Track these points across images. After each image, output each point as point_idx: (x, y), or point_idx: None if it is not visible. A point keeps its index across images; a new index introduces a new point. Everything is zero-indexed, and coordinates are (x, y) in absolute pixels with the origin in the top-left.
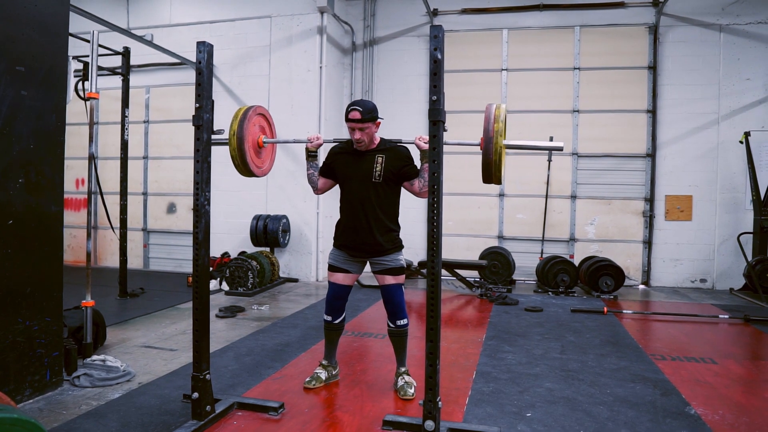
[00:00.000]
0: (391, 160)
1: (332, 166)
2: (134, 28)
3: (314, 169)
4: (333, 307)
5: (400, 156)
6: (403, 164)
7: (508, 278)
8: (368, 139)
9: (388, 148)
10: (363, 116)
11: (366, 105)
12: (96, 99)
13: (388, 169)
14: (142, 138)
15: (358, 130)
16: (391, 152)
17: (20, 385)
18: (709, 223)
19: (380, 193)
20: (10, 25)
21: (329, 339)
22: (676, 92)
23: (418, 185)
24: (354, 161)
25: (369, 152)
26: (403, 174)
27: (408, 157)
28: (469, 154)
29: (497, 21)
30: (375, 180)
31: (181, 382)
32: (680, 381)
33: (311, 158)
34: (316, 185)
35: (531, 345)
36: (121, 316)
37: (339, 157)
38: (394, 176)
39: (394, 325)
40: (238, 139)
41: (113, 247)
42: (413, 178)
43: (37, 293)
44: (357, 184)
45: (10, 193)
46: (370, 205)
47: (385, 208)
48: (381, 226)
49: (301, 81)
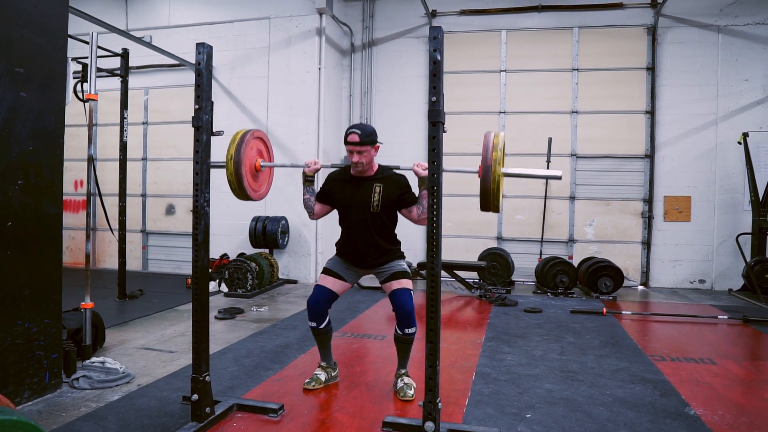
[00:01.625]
0: (389, 189)
1: (329, 193)
2: (133, 29)
3: (311, 194)
4: (315, 312)
5: (398, 185)
6: (401, 192)
7: (507, 279)
8: (366, 163)
9: (386, 176)
10: (362, 139)
11: (365, 128)
12: (95, 100)
13: (386, 199)
14: (141, 139)
15: (356, 153)
16: (388, 181)
17: (19, 387)
18: (708, 223)
19: (378, 221)
20: (9, 26)
21: (320, 343)
22: (675, 93)
23: (417, 212)
24: (352, 190)
25: (367, 180)
26: (401, 202)
27: (406, 186)
28: (468, 155)
29: (496, 22)
30: (373, 210)
31: (181, 384)
32: (680, 382)
33: (308, 183)
34: (312, 210)
35: (530, 346)
36: (120, 318)
37: (336, 185)
38: (392, 204)
39: (402, 333)
40: (235, 164)
41: (112, 249)
42: (411, 205)
43: (36, 295)
44: (355, 214)
45: (9, 194)
46: (368, 233)
47: (384, 234)
48: (380, 250)
49: (300, 82)
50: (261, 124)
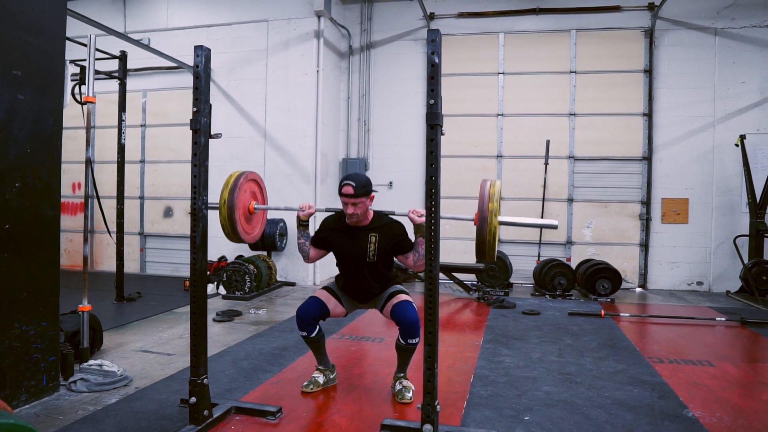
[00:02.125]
0: (384, 239)
1: (325, 241)
2: (131, 31)
3: (305, 239)
4: (303, 322)
5: (393, 234)
6: (397, 241)
7: (506, 281)
8: (361, 214)
9: (382, 225)
10: (356, 191)
11: (360, 179)
12: (93, 103)
13: (381, 248)
14: (138, 142)
15: (351, 205)
16: (384, 230)
17: (16, 390)
18: (706, 225)
19: (375, 269)
20: (7, 29)
21: (313, 350)
22: (672, 95)
23: (413, 259)
24: (347, 239)
25: (362, 230)
26: (397, 249)
27: (402, 234)
28: (467, 158)
29: (494, 25)
30: (369, 260)
31: (179, 387)
32: (678, 384)
33: (302, 227)
34: (307, 255)
35: (529, 348)
36: (117, 321)
37: (332, 234)
38: (388, 253)
39: (405, 343)
40: (228, 208)
41: (110, 251)
42: (407, 252)
43: (33, 298)
44: (352, 263)
45: (7, 197)
46: (365, 279)
47: (381, 278)
48: (378, 289)
49: (298, 85)
50: (259, 126)
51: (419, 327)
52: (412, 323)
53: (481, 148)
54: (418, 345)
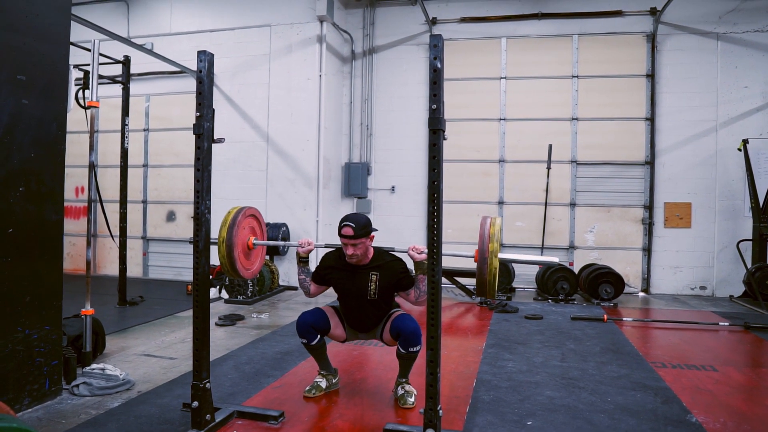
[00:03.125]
0: (385, 277)
1: (326, 278)
2: (134, 36)
3: (306, 275)
4: (304, 329)
5: (394, 272)
6: (398, 279)
7: (508, 286)
8: (361, 254)
9: (382, 264)
10: (356, 233)
11: (359, 220)
12: (96, 108)
13: (383, 286)
14: (141, 146)
15: (350, 246)
16: (385, 269)
17: (19, 394)
18: (709, 230)
19: (376, 305)
20: (13, 34)
21: (315, 356)
22: (675, 100)
23: (414, 295)
24: (348, 277)
25: (363, 268)
26: (398, 286)
27: (403, 271)
28: (469, 162)
29: (496, 29)
30: (371, 298)
31: (181, 391)
32: (681, 389)
33: (302, 264)
34: (308, 290)
35: (531, 353)
36: (120, 325)
37: (333, 273)
38: (389, 290)
39: (406, 351)
40: (227, 246)
41: (113, 255)
42: (409, 289)
43: (36, 302)
44: (353, 301)
45: (11, 201)
46: (367, 314)
47: (382, 312)
48: (378, 321)
49: (300, 89)
50: (262, 131)
51: (420, 335)
52: (412, 331)
53: (483, 152)
54: (419, 351)
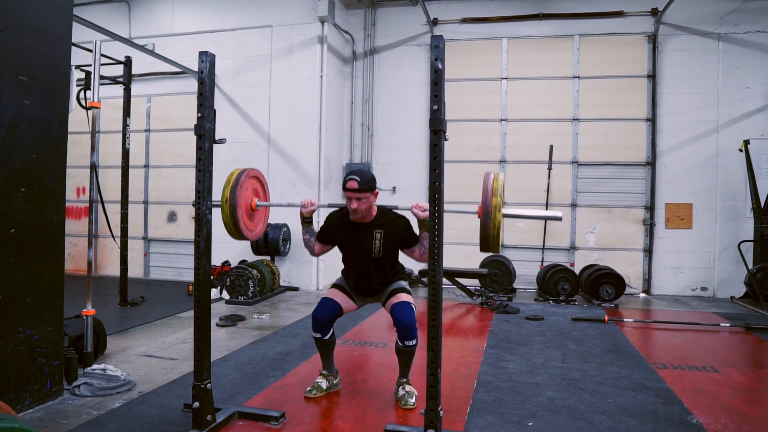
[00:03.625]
0: (389, 235)
1: (331, 236)
2: (136, 37)
3: (310, 235)
4: (320, 323)
5: (398, 229)
6: (402, 236)
7: (509, 287)
8: (365, 209)
9: (386, 222)
10: (361, 186)
11: (364, 175)
12: (98, 108)
13: (387, 243)
14: (143, 147)
15: (355, 200)
16: (389, 227)
17: (20, 394)
18: (710, 231)
19: (380, 264)
20: (15, 35)
21: (323, 353)
22: (676, 101)
23: (419, 252)
24: (352, 235)
25: (367, 226)
26: (402, 243)
27: (407, 228)
28: (469, 163)
29: (497, 30)
30: (375, 255)
31: (182, 392)
32: (682, 390)
33: (306, 224)
34: (313, 250)
35: (532, 354)
36: (121, 325)
37: (337, 229)
38: (393, 248)
39: (403, 345)
40: (230, 206)
41: (114, 256)
42: (413, 245)
43: (38, 302)
44: (357, 258)
45: (12, 201)
46: (371, 274)
47: (387, 272)
48: (384, 283)
49: (301, 90)
50: (263, 131)
51: (415, 329)
52: (407, 325)
53: (484, 153)
54: (416, 348)
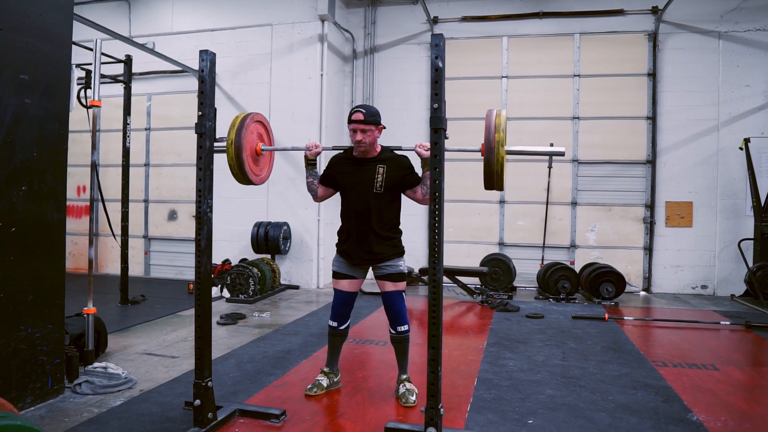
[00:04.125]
0: (392, 171)
1: (333, 175)
2: (136, 36)
3: (314, 177)
4: (339, 313)
5: (401, 166)
6: (404, 174)
7: (509, 285)
8: (369, 143)
9: (389, 158)
10: (366, 117)
11: (369, 108)
12: (99, 107)
13: (389, 180)
14: (143, 145)
15: (360, 132)
16: (392, 162)
17: (22, 392)
18: (710, 229)
19: (381, 203)
20: (16, 34)
21: (333, 345)
22: (676, 99)
23: (421, 192)
24: (355, 171)
25: (370, 162)
26: (404, 183)
27: (409, 167)
28: (470, 161)
29: (497, 28)
30: (376, 191)
31: (183, 389)
32: (682, 387)
33: (310, 167)
34: (315, 193)
35: (532, 352)
36: (122, 324)
37: (340, 167)
38: (395, 186)
39: (395, 332)
40: (236, 148)
41: (114, 255)
42: (415, 186)
43: (39, 300)
44: (358, 195)
45: (13, 200)
46: (371, 215)
47: (386, 218)
48: (382, 235)
49: (301, 88)
50: None
51: (405, 315)
52: (396, 311)
53: None
54: (409, 335)
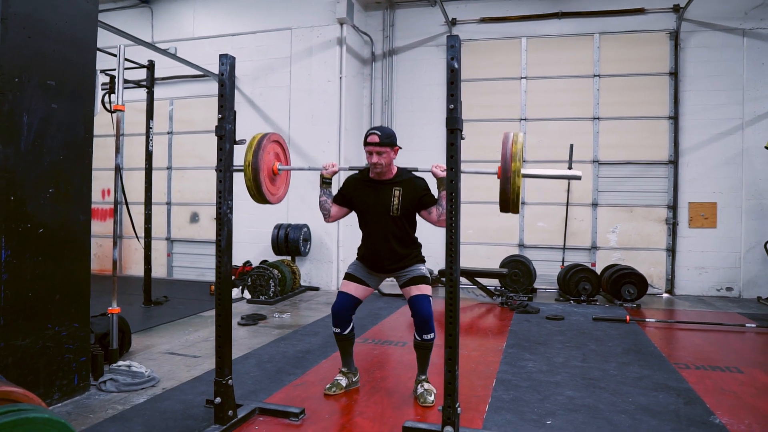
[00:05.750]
0: (408, 193)
1: (348, 197)
2: (159, 41)
3: (327, 197)
4: (340, 318)
5: (416, 188)
6: (420, 195)
7: (529, 287)
8: (385, 164)
9: (405, 180)
10: (381, 140)
11: (385, 130)
12: (122, 111)
13: (405, 201)
14: (166, 149)
15: (375, 154)
16: (408, 185)
17: (50, 388)
18: (735, 230)
19: (398, 224)
20: (43, 41)
21: (342, 348)
22: (699, 98)
23: (436, 213)
24: (371, 193)
25: (386, 183)
26: (420, 204)
27: (425, 188)
28: (489, 162)
29: (516, 29)
30: (393, 214)
31: (204, 388)
32: (704, 390)
33: (325, 185)
34: (328, 213)
35: (552, 353)
36: (145, 324)
37: (356, 188)
38: (412, 208)
39: (421, 339)
40: (253, 170)
41: (138, 256)
42: (430, 207)
43: (65, 300)
44: (375, 217)
45: (41, 202)
46: (389, 236)
47: (404, 237)
48: (401, 252)
49: (321, 92)
50: (283, 133)
51: (432, 323)
52: (425, 319)
53: None
54: (433, 342)
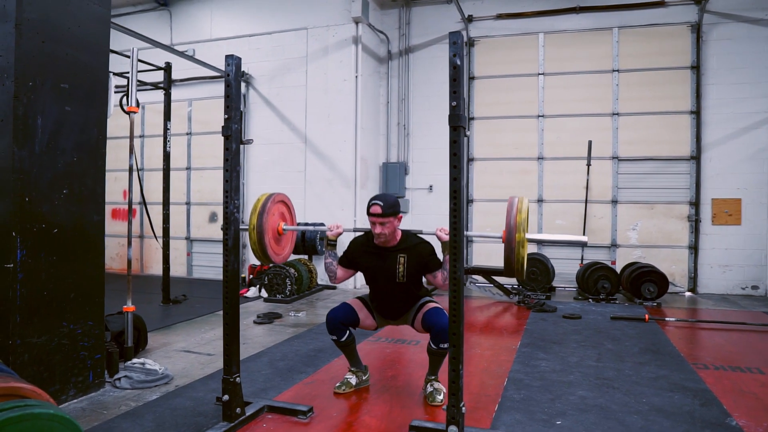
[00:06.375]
0: (413, 259)
1: (354, 261)
2: (177, 43)
3: (333, 258)
4: (334, 326)
5: (421, 255)
6: (425, 261)
7: (547, 285)
8: (389, 233)
9: (410, 246)
10: (384, 211)
11: (387, 200)
12: (136, 113)
13: (410, 268)
14: (185, 149)
15: (379, 225)
16: (413, 251)
17: (65, 385)
18: (761, 227)
19: (405, 288)
20: (56, 46)
21: (345, 353)
22: (722, 92)
23: (441, 278)
24: (377, 260)
25: (391, 250)
26: (425, 268)
27: (430, 254)
28: (505, 160)
29: (533, 25)
30: (399, 280)
31: (216, 385)
32: (722, 391)
33: (330, 247)
34: (334, 275)
35: (566, 352)
36: (163, 322)
37: (362, 255)
38: (417, 273)
39: (437, 347)
40: (258, 233)
41: (159, 256)
42: (436, 270)
43: (80, 298)
44: (382, 283)
45: (56, 203)
46: (395, 298)
47: (412, 296)
48: (409, 303)
49: (337, 91)
50: (300, 132)
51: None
52: (444, 328)
53: (521, 150)
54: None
